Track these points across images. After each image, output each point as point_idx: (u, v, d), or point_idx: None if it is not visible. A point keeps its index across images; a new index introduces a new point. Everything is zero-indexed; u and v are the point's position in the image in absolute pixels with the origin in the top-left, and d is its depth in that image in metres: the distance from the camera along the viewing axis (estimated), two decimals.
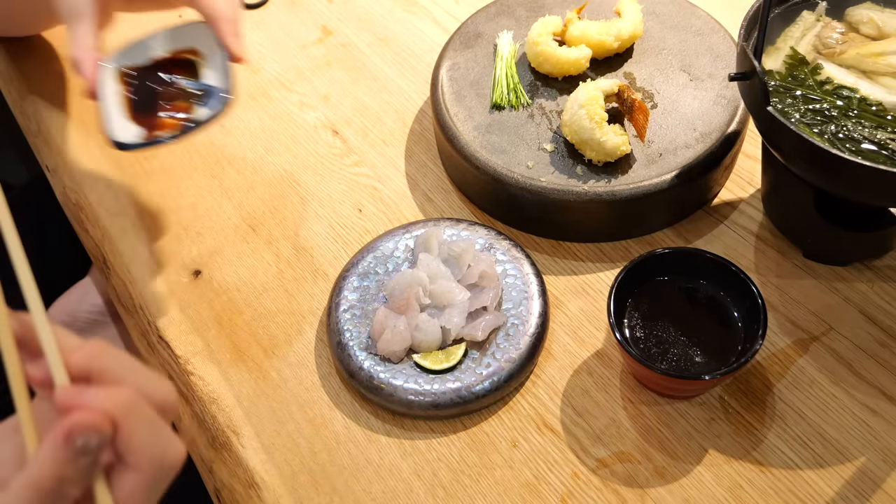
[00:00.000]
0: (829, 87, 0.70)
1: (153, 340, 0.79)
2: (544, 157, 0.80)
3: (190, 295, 0.81)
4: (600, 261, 0.79)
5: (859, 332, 0.72)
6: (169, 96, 0.72)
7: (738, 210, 0.81)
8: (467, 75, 0.87)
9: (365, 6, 1.08)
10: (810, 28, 0.75)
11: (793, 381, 0.69)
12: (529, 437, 0.68)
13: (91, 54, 0.71)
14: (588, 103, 0.76)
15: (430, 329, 0.70)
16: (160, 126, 0.70)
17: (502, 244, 0.77)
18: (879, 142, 0.65)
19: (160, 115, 0.71)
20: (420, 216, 0.84)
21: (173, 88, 0.73)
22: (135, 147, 0.68)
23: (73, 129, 0.97)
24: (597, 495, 0.65)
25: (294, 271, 0.82)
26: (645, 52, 0.88)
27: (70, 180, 0.93)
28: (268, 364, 0.75)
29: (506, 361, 0.69)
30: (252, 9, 1.09)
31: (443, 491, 0.66)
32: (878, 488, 0.63)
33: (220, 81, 0.71)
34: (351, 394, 0.72)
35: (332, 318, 0.74)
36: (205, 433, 0.73)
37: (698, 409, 0.68)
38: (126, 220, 0.87)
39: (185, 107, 0.71)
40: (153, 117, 0.71)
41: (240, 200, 0.88)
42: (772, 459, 0.65)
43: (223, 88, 0.70)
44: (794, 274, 0.76)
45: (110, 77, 0.72)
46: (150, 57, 0.74)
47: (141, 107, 0.71)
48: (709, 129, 0.80)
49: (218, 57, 0.71)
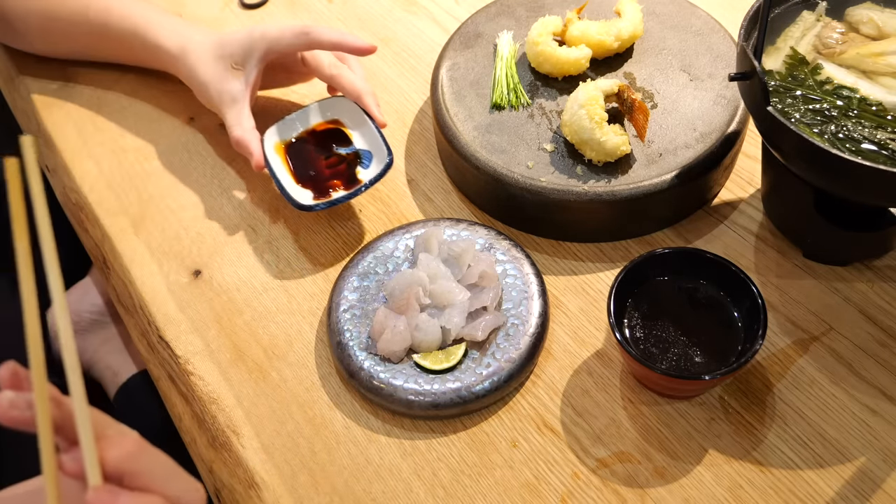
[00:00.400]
0: (829, 87, 0.70)
1: (153, 340, 0.79)
2: (544, 157, 0.80)
3: (190, 295, 0.81)
4: (600, 261, 0.79)
5: (859, 332, 0.72)
6: (328, 161, 0.83)
7: (738, 210, 0.81)
8: (467, 75, 0.87)
9: (365, 6, 1.08)
10: (810, 28, 0.75)
11: (793, 381, 0.69)
12: (529, 437, 0.68)
13: (254, 134, 0.83)
14: (588, 103, 0.76)
15: (430, 329, 0.70)
16: (329, 187, 0.81)
17: (502, 244, 0.77)
18: (879, 142, 0.65)
19: (326, 176, 0.82)
20: (420, 216, 0.84)
21: (331, 154, 0.84)
22: (317, 208, 0.78)
23: (73, 129, 0.97)
24: (597, 495, 0.65)
25: (294, 271, 0.82)
26: (645, 52, 0.88)
27: (70, 180, 0.93)
28: (268, 364, 0.75)
29: (506, 361, 0.69)
30: (252, 9, 1.09)
31: (443, 491, 0.66)
32: (878, 488, 0.63)
33: (372, 145, 0.83)
34: (351, 394, 0.72)
35: (332, 318, 0.74)
36: (205, 433, 0.73)
37: (698, 409, 0.68)
38: (126, 220, 0.87)
39: (344, 169, 0.82)
40: (320, 180, 0.82)
41: (240, 200, 0.88)
42: (772, 459, 0.65)
43: (379, 151, 0.82)
44: (794, 274, 0.76)
45: (271, 149, 0.83)
46: (301, 129, 0.86)
47: (304, 172, 0.83)
48: (709, 129, 0.80)
49: (365, 125, 0.84)
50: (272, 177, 0.81)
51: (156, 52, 0.91)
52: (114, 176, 0.92)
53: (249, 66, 0.85)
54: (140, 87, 1.00)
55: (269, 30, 0.85)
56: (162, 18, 0.92)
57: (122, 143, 0.95)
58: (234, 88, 0.85)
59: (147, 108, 0.98)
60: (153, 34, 0.91)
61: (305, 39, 0.84)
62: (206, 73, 0.86)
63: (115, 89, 1.00)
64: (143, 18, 0.92)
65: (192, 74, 0.87)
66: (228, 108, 0.85)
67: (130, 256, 0.84)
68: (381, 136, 0.82)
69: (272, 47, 0.85)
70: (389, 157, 0.80)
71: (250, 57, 0.85)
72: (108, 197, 0.90)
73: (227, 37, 0.87)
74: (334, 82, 0.87)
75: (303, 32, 0.84)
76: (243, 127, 0.83)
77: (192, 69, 0.87)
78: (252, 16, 1.08)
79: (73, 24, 0.95)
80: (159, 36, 0.90)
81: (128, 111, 0.98)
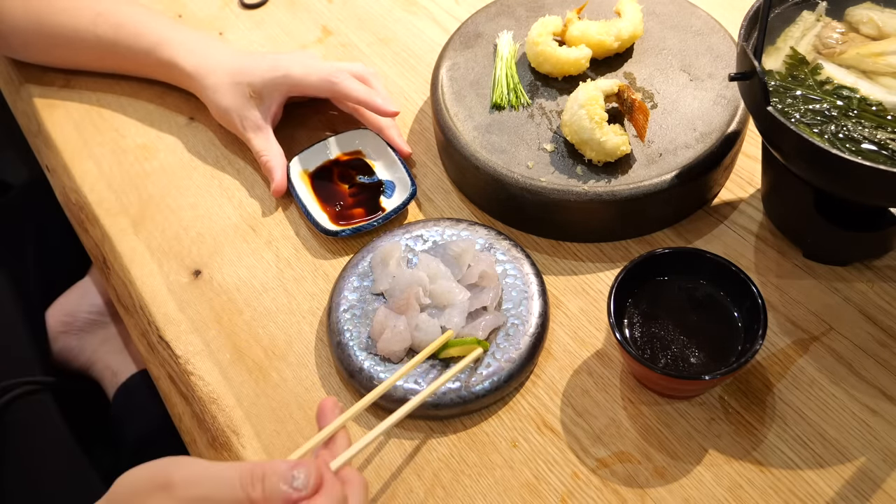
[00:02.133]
0: (829, 87, 0.70)
1: (153, 340, 0.79)
2: (544, 157, 0.80)
3: (190, 295, 0.81)
4: (600, 261, 0.79)
5: (859, 332, 0.72)
6: (352, 190, 0.86)
7: (738, 210, 0.81)
8: (467, 75, 0.87)
9: (365, 6, 1.08)
10: (810, 28, 0.75)
11: (793, 381, 0.69)
12: (529, 437, 0.68)
13: (281, 161, 0.86)
14: (588, 103, 0.76)
15: (429, 329, 0.70)
16: (353, 215, 0.83)
17: (502, 244, 0.77)
18: (879, 142, 0.65)
19: (350, 204, 0.84)
20: (420, 216, 0.84)
21: (355, 183, 0.86)
22: (342, 234, 0.81)
23: (73, 129, 0.97)
24: (597, 495, 0.65)
25: (294, 271, 0.82)
26: (645, 52, 0.88)
27: (70, 180, 0.93)
28: (268, 364, 0.75)
29: (506, 361, 0.69)
30: (252, 9, 1.09)
31: (443, 491, 0.66)
32: (878, 488, 0.63)
33: (395, 175, 0.86)
34: (351, 394, 0.72)
35: (332, 318, 0.74)
36: (205, 433, 0.73)
37: (698, 409, 0.68)
38: (126, 220, 0.87)
39: (367, 198, 0.84)
40: (345, 207, 0.84)
41: (240, 200, 0.88)
42: (772, 459, 0.65)
43: (402, 181, 0.84)
44: (794, 274, 0.76)
45: (297, 177, 0.86)
46: (326, 159, 0.88)
47: (329, 199, 0.85)
48: (709, 129, 0.80)
49: (388, 155, 0.87)
50: (298, 203, 0.84)
51: (170, 69, 0.92)
52: (114, 176, 0.92)
53: (269, 101, 0.87)
54: (140, 87, 1.00)
55: (293, 70, 0.86)
56: (175, 34, 0.92)
57: (122, 143, 0.95)
58: (255, 116, 0.87)
59: (147, 108, 0.98)
60: (168, 53, 0.91)
61: (330, 88, 0.86)
62: (225, 98, 0.87)
63: (115, 89, 1.00)
64: (156, 35, 0.92)
65: (211, 98, 0.88)
66: (254, 135, 0.87)
67: (130, 256, 0.84)
68: (405, 167, 0.85)
69: (294, 89, 0.87)
70: (413, 188, 0.83)
71: (272, 92, 0.87)
72: (108, 197, 0.90)
73: (246, 65, 0.87)
74: (356, 114, 0.90)
75: (329, 81, 0.85)
76: (271, 153, 0.86)
77: (210, 92, 0.88)
78: (252, 16, 1.08)
79: (80, 39, 0.94)
80: (175, 55, 0.90)
81: (128, 111, 0.98)
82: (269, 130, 0.87)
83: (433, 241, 0.78)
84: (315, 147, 0.88)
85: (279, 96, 0.87)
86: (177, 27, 0.93)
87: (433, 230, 0.78)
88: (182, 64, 0.90)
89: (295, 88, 0.87)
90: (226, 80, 0.87)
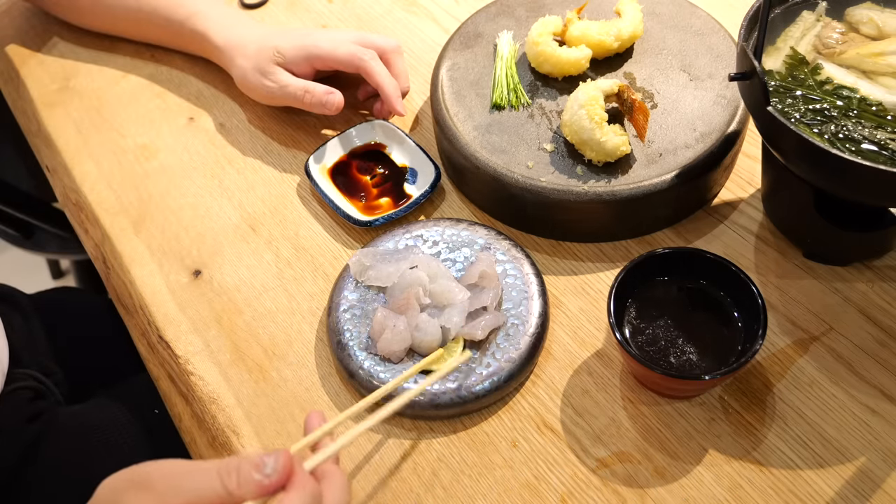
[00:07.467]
0: (829, 87, 0.70)
1: (153, 340, 0.79)
2: (544, 157, 0.80)
3: (190, 295, 0.81)
4: (600, 261, 0.79)
5: (859, 332, 0.72)
6: (374, 180, 0.86)
7: (738, 210, 0.81)
8: (467, 75, 0.87)
9: (365, 6, 1.08)
10: (810, 28, 0.75)
11: (793, 381, 0.69)
12: (529, 437, 0.68)
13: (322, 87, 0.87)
14: (588, 103, 0.76)
15: (429, 329, 0.70)
16: (381, 205, 0.83)
17: (502, 244, 0.77)
18: (879, 142, 0.65)
19: (375, 195, 0.84)
20: (420, 216, 0.84)
21: (376, 174, 0.86)
22: (376, 223, 0.81)
23: (73, 129, 0.97)
24: (597, 495, 0.65)
25: (294, 271, 0.82)
26: (645, 52, 0.88)
27: (70, 180, 0.93)
28: (268, 364, 0.75)
29: (506, 361, 0.69)
30: (252, 9, 1.09)
31: (443, 491, 0.66)
32: (878, 488, 0.63)
33: (415, 162, 0.86)
34: (351, 394, 0.72)
35: (332, 318, 0.74)
36: (205, 433, 0.73)
37: (698, 409, 0.68)
38: (126, 220, 0.87)
39: (391, 186, 0.85)
40: (370, 198, 0.84)
41: (240, 200, 0.88)
42: (772, 459, 0.65)
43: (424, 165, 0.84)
44: (794, 274, 0.76)
45: (317, 173, 0.86)
46: (343, 153, 0.88)
47: (352, 191, 0.85)
48: (709, 129, 0.80)
49: (405, 143, 0.87)
50: (325, 199, 0.84)
51: (202, 41, 0.95)
52: (114, 176, 0.92)
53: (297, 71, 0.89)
54: (140, 87, 1.00)
55: (321, 42, 0.88)
56: (209, 8, 0.95)
57: (122, 143, 0.95)
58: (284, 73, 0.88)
59: (147, 108, 0.98)
60: (201, 24, 0.94)
61: (357, 65, 0.87)
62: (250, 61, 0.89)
63: (115, 89, 1.01)
64: (192, 6, 0.96)
65: (239, 66, 0.90)
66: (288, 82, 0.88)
67: (130, 256, 0.84)
68: (424, 152, 0.85)
69: (321, 61, 0.88)
70: (437, 170, 0.83)
71: (301, 63, 0.88)
72: (108, 197, 0.90)
73: (276, 34, 0.90)
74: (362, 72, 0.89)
75: (357, 58, 0.87)
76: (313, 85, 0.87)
77: (239, 60, 0.90)
78: (252, 15, 1.08)
79: (122, 5, 0.99)
80: (207, 27, 0.94)
81: (128, 111, 0.98)
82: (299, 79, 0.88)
83: (433, 241, 0.78)
84: (327, 145, 0.88)
85: (307, 66, 0.89)
86: (213, 2, 0.97)
87: (433, 230, 0.78)
88: (213, 36, 0.93)
89: (322, 60, 0.88)
90: (253, 48, 0.90)
